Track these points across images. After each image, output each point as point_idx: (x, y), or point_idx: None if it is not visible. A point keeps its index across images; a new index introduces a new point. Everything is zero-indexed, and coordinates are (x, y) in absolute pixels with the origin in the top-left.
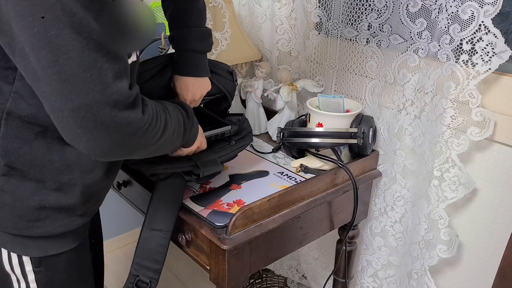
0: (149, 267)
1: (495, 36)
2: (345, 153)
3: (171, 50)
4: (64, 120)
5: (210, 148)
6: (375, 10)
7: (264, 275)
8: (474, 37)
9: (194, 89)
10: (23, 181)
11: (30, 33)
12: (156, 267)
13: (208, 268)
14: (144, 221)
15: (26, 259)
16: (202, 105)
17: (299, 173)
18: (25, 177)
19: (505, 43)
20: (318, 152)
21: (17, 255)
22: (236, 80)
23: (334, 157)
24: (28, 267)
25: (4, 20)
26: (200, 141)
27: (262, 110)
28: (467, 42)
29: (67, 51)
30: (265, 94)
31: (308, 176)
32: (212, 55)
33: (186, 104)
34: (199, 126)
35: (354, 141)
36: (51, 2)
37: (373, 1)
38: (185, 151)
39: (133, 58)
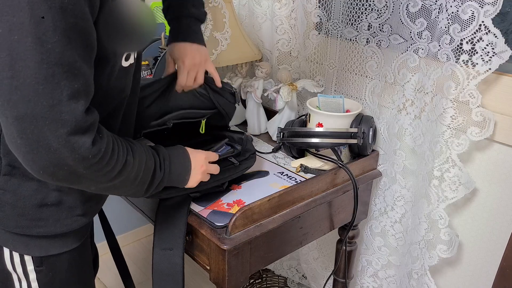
0: None
1: (495, 36)
2: (345, 153)
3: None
4: (7, 127)
5: None
6: (375, 10)
7: (264, 275)
8: (474, 37)
9: (193, 52)
10: (24, 180)
11: None
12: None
13: (208, 268)
14: (154, 241)
15: (28, 258)
16: (204, 119)
17: (299, 173)
18: (26, 176)
19: (505, 43)
20: (318, 152)
21: (19, 254)
22: (237, 102)
23: (334, 157)
24: (30, 266)
25: None
26: (201, 174)
27: (262, 110)
28: (467, 42)
29: (25, 59)
30: (265, 94)
31: (308, 176)
32: (212, 55)
33: (162, 151)
34: (203, 153)
35: (354, 141)
36: (21, 6)
37: (373, 1)
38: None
39: (130, 60)
